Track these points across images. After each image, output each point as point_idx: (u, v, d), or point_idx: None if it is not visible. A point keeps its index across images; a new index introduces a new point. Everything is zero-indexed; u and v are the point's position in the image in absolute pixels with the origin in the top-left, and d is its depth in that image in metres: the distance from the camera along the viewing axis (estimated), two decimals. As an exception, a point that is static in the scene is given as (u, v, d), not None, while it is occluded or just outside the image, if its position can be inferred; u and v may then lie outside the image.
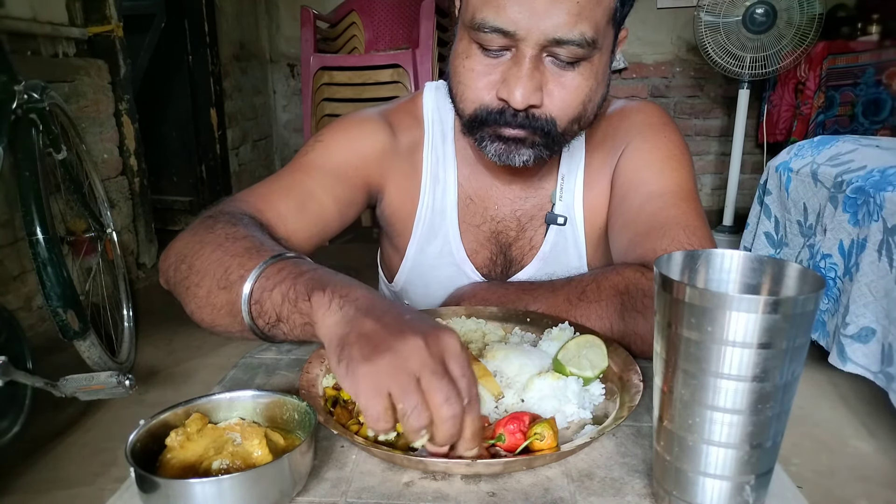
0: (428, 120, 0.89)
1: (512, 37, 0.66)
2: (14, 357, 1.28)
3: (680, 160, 0.83)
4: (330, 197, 0.80)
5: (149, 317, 2.39)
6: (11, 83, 1.63)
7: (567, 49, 0.66)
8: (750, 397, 0.40)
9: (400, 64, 2.76)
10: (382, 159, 0.85)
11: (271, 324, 0.56)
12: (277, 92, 4.14)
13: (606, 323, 0.70)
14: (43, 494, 1.45)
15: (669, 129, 0.85)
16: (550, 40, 0.65)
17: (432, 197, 0.88)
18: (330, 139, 0.83)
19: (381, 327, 0.46)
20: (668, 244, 0.73)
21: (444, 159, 0.88)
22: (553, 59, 0.68)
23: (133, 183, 2.76)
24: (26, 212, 1.57)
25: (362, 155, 0.83)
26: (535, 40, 0.66)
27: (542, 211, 0.87)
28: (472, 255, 0.89)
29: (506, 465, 0.48)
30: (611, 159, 0.86)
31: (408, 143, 0.87)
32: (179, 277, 0.65)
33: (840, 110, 2.99)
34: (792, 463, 1.53)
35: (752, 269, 0.46)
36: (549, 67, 0.69)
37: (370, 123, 0.86)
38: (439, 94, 0.89)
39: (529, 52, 0.66)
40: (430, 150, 0.88)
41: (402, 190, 0.88)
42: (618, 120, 0.87)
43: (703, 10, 2.91)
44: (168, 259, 0.68)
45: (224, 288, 0.59)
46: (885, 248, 1.61)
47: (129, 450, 0.44)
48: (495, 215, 0.88)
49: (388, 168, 0.86)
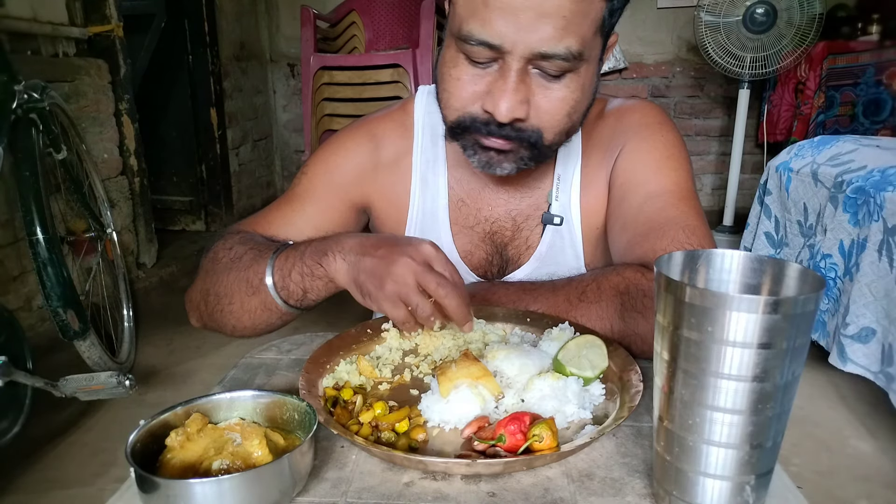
0: (418, 125, 0.89)
1: (498, 50, 0.65)
2: (14, 357, 1.28)
3: (678, 160, 0.83)
4: (314, 230, 0.85)
5: (149, 317, 2.39)
6: (11, 83, 1.63)
7: (553, 63, 0.66)
8: (750, 397, 0.40)
9: (400, 64, 2.76)
10: (363, 178, 0.89)
11: (300, 298, 0.69)
12: (277, 92, 4.13)
13: (607, 323, 0.69)
14: (43, 494, 1.45)
15: (667, 128, 0.85)
16: (536, 54, 0.65)
17: (422, 200, 0.88)
18: (313, 169, 0.89)
19: (377, 261, 0.60)
20: (668, 244, 0.73)
21: (434, 163, 0.88)
22: (539, 71, 0.68)
23: (133, 183, 2.76)
24: (26, 212, 1.57)
25: (342, 181, 0.88)
26: (520, 54, 0.65)
27: (538, 211, 0.87)
28: (467, 256, 0.89)
29: (506, 465, 0.48)
30: (608, 159, 0.85)
31: (393, 152, 0.89)
32: (210, 308, 0.76)
33: (840, 110, 2.99)
34: (792, 463, 1.53)
35: (752, 270, 0.46)
36: (536, 79, 0.68)
37: (349, 143, 0.90)
38: (431, 99, 0.89)
39: (515, 65, 0.66)
40: (418, 155, 0.88)
41: (389, 199, 0.89)
42: (615, 119, 0.87)
43: (703, 10, 2.91)
44: (193, 301, 0.80)
45: (252, 294, 0.72)
46: (886, 249, 1.61)
47: (129, 450, 0.44)
48: (489, 216, 0.88)
49: (370, 184, 0.89)
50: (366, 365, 0.64)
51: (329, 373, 0.64)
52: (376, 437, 0.53)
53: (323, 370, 0.63)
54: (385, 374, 0.64)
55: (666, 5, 3.56)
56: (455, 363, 0.59)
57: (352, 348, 0.69)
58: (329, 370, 0.64)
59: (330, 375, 0.63)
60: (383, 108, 0.94)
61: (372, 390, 0.62)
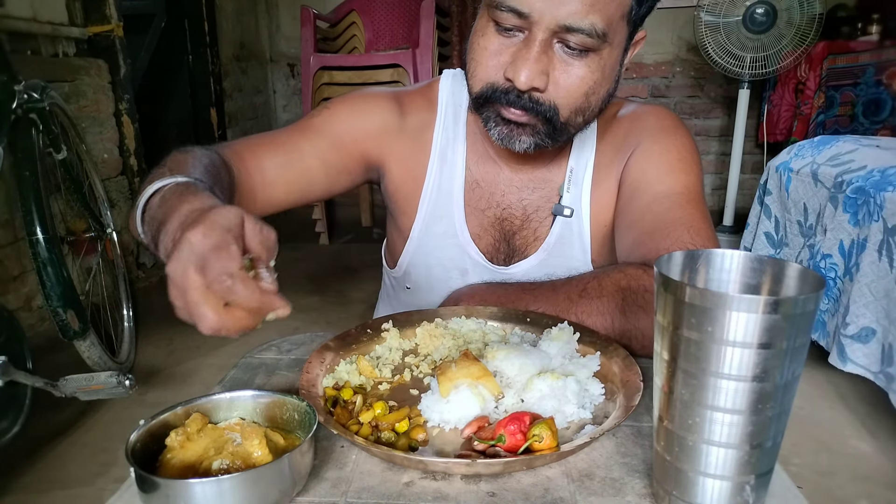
0: (442, 103, 0.91)
1: (526, 18, 0.68)
2: (14, 357, 1.28)
3: (689, 163, 0.84)
4: (318, 160, 0.84)
5: (149, 317, 2.39)
6: (11, 83, 1.63)
7: (577, 37, 0.68)
8: (750, 397, 0.40)
9: (400, 64, 2.76)
10: (385, 136, 0.88)
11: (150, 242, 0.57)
12: (277, 92, 4.14)
13: (608, 318, 0.70)
14: (43, 494, 1.45)
15: (681, 132, 0.87)
16: (561, 26, 0.67)
17: (439, 177, 0.89)
18: (337, 107, 0.88)
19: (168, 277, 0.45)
20: (672, 244, 0.73)
21: (454, 141, 0.90)
22: (563, 45, 0.70)
23: (133, 183, 2.76)
24: (26, 212, 1.57)
25: (364, 129, 0.87)
26: (546, 24, 0.67)
27: (548, 203, 0.88)
28: (476, 238, 0.90)
29: (506, 465, 0.48)
30: (620, 158, 0.86)
31: (417, 123, 0.90)
32: None
33: (840, 110, 2.99)
34: (792, 463, 1.53)
35: (752, 269, 0.46)
36: (558, 54, 0.70)
37: (379, 100, 0.89)
38: (456, 81, 0.92)
39: (540, 36, 0.68)
40: (440, 131, 0.90)
41: (406, 168, 0.90)
42: (630, 121, 0.88)
43: (703, 10, 2.91)
44: None
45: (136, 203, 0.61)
46: (886, 249, 1.61)
47: (129, 450, 0.44)
48: (501, 202, 0.89)
49: (390, 145, 0.89)
50: (366, 365, 0.64)
51: (329, 373, 0.64)
52: (376, 436, 0.53)
53: (323, 370, 0.63)
54: (385, 374, 0.64)
55: (666, 5, 3.56)
56: (455, 363, 0.59)
57: (352, 348, 0.69)
58: (329, 370, 0.64)
59: (330, 375, 0.63)
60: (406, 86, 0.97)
61: (372, 390, 0.62)
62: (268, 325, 0.48)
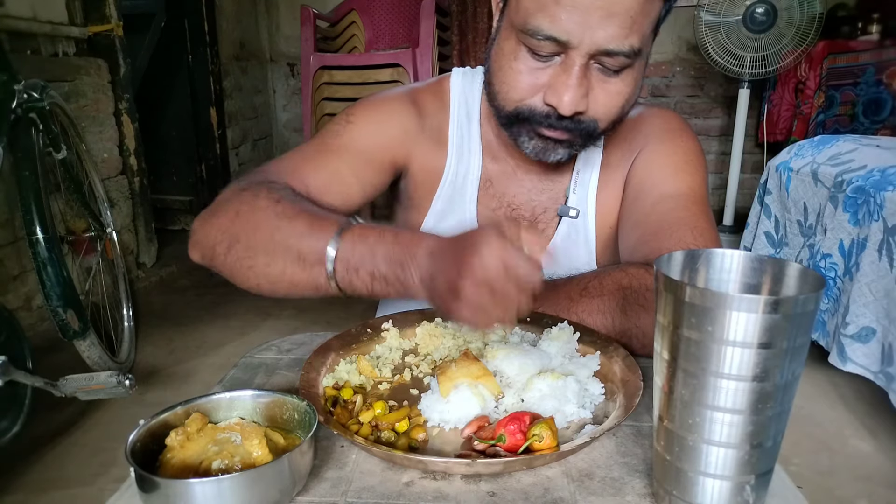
0: (454, 102, 0.91)
1: (564, 45, 0.67)
2: (14, 357, 1.28)
3: (695, 166, 0.85)
4: (355, 178, 0.83)
5: (149, 317, 2.39)
6: (11, 82, 1.63)
7: (615, 59, 0.68)
8: (750, 397, 0.40)
9: (400, 63, 2.76)
10: (408, 139, 0.88)
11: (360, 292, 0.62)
12: (277, 91, 4.13)
13: (608, 317, 0.70)
14: (43, 494, 1.45)
15: (687, 135, 0.87)
16: (602, 51, 0.67)
17: (455, 175, 0.90)
18: (359, 119, 0.87)
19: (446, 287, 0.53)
20: (675, 244, 0.74)
21: (468, 141, 0.90)
22: (599, 66, 0.70)
23: (133, 182, 2.76)
24: (26, 211, 1.57)
25: (390, 136, 0.87)
26: (586, 50, 0.67)
27: (555, 204, 0.89)
28: None
29: (506, 465, 0.48)
30: (627, 160, 0.87)
31: (435, 122, 0.90)
32: (234, 258, 0.67)
33: (840, 110, 2.99)
34: (792, 463, 1.53)
35: (752, 269, 0.46)
36: (595, 74, 0.70)
37: (398, 104, 0.89)
38: (466, 80, 0.92)
39: (580, 61, 0.68)
40: (455, 129, 0.90)
41: (426, 167, 0.91)
42: (637, 123, 0.88)
43: (703, 10, 2.91)
44: (211, 236, 0.69)
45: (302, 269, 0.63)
46: (886, 248, 1.61)
47: (129, 450, 0.44)
48: (511, 202, 0.90)
49: (413, 147, 0.89)
50: (366, 364, 0.64)
51: (329, 372, 0.64)
52: (376, 436, 0.53)
53: (323, 370, 0.63)
54: (385, 373, 0.64)
55: (666, 5, 3.56)
56: (455, 363, 0.59)
57: (352, 348, 0.69)
58: (329, 370, 0.64)
59: (330, 375, 0.63)
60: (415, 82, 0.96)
61: (372, 390, 0.62)
62: (267, 325, 0.48)
